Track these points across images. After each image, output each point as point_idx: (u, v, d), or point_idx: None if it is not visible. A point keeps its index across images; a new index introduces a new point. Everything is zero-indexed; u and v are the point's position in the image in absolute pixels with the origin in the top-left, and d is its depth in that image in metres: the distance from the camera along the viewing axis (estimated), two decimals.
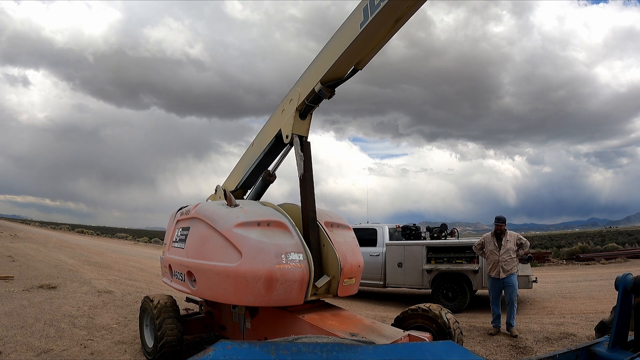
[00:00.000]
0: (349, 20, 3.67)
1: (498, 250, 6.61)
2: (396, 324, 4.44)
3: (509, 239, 6.66)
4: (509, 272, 6.59)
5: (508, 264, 6.58)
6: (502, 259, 6.58)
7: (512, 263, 6.60)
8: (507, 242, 6.64)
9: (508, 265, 6.58)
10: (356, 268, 4.27)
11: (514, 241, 6.66)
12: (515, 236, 6.71)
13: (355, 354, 1.26)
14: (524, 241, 6.73)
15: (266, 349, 1.27)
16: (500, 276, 6.59)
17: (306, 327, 3.62)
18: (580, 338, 5.90)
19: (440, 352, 1.27)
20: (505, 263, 6.58)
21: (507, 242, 6.64)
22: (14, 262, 14.21)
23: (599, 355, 3.00)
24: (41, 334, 5.78)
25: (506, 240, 6.65)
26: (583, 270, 15.71)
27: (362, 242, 5.32)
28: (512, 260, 6.60)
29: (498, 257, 6.59)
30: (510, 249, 6.60)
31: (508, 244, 6.62)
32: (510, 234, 6.72)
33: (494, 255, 6.64)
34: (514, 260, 6.63)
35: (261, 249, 3.63)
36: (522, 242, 6.70)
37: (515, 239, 6.68)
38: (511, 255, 6.60)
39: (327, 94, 4.05)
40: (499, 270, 6.61)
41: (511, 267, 6.60)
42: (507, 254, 6.57)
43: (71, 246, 24.58)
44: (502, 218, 6.76)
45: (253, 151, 5.01)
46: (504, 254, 6.58)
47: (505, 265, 6.58)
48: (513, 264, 6.61)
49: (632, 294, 3.01)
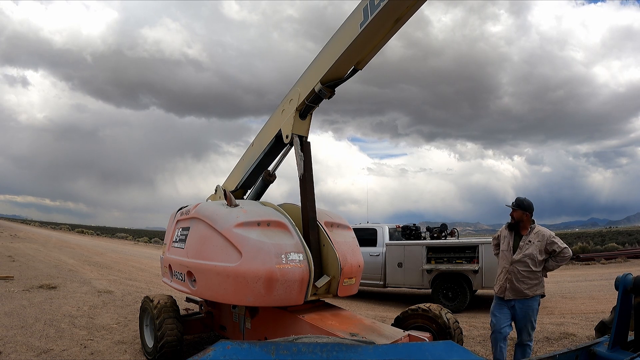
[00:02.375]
0: (348, 20, 3.67)
1: (511, 252, 4.28)
2: (396, 324, 4.44)
3: (531, 240, 4.19)
4: (523, 294, 4.14)
5: (523, 279, 4.14)
6: (515, 269, 4.18)
7: (532, 279, 4.14)
8: (529, 243, 4.19)
9: (522, 281, 4.14)
10: (356, 268, 4.27)
11: (543, 244, 4.14)
12: (547, 236, 4.16)
13: (355, 354, 1.26)
14: (559, 247, 4.10)
15: (266, 349, 1.27)
16: (506, 296, 4.22)
17: (306, 327, 3.62)
18: (580, 338, 5.90)
19: (440, 352, 1.27)
20: (519, 276, 4.15)
21: (529, 243, 4.19)
22: (14, 262, 14.20)
23: (599, 355, 3.00)
24: (41, 334, 5.78)
25: (527, 240, 4.21)
26: (583, 270, 15.71)
27: (362, 242, 5.33)
28: (531, 276, 4.13)
29: (509, 264, 4.25)
30: (532, 255, 4.13)
31: (530, 247, 4.16)
32: (538, 232, 4.22)
33: (504, 259, 4.35)
34: (536, 276, 4.15)
35: (261, 249, 3.63)
36: (555, 249, 4.10)
37: (546, 240, 4.14)
38: (530, 267, 4.12)
39: (327, 94, 4.05)
40: (505, 286, 4.24)
41: (528, 285, 4.13)
42: (525, 262, 4.14)
43: (71, 246, 24.58)
44: (521, 201, 4.32)
45: (253, 151, 5.01)
46: (520, 261, 4.17)
47: (518, 280, 4.15)
48: (533, 281, 4.14)
49: (632, 294, 3.01)
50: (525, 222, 4.31)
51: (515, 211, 4.33)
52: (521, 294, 4.18)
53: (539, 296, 4.25)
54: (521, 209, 4.31)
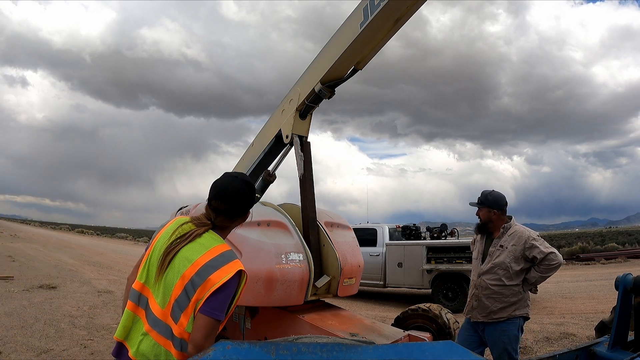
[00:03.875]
0: (348, 20, 3.66)
1: (481, 261, 3.40)
2: (396, 324, 4.44)
3: (504, 244, 3.24)
4: (494, 315, 3.19)
5: (493, 296, 3.20)
6: (483, 282, 3.27)
7: (507, 296, 3.16)
8: (501, 248, 3.24)
9: (493, 298, 3.20)
10: (356, 268, 4.27)
11: (519, 248, 3.17)
12: (525, 238, 3.19)
13: (355, 354, 1.25)
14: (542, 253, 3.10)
15: (266, 349, 1.27)
16: (473, 317, 3.34)
17: (306, 327, 3.61)
18: (580, 338, 5.90)
19: (440, 352, 1.27)
20: (488, 292, 3.22)
21: (501, 248, 3.24)
22: (14, 262, 14.20)
23: (599, 355, 3.01)
24: (41, 334, 5.78)
25: (499, 244, 3.28)
26: (583, 270, 15.72)
27: (362, 242, 5.33)
28: (504, 291, 3.17)
29: (477, 276, 3.37)
30: (505, 264, 3.18)
31: (502, 254, 3.22)
32: (514, 233, 3.26)
33: (474, 270, 3.47)
34: (511, 291, 3.17)
35: (261, 249, 3.63)
36: (536, 255, 3.11)
37: (524, 244, 3.17)
38: (502, 280, 3.17)
39: (327, 94, 4.04)
40: (472, 304, 3.36)
41: (502, 303, 3.17)
42: (495, 273, 3.21)
43: (71, 246, 24.58)
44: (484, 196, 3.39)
45: (253, 151, 5.00)
46: (489, 272, 3.26)
47: (487, 296, 3.22)
48: (508, 299, 3.16)
49: (632, 294, 3.01)
50: (496, 222, 3.34)
51: (480, 210, 3.42)
52: (492, 316, 3.19)
53: (519, 318, 3.18)
54: (486, 205, 3.35)
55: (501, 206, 3.36)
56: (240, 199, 1.90)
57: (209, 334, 1.62)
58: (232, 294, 1.71)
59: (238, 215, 1.93)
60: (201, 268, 1.68)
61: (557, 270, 3.21)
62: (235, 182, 1.93)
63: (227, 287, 1.66)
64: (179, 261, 1.72)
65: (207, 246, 1.75)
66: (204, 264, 1.68)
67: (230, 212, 1.89)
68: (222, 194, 1.87)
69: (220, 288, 1.64)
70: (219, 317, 1.64)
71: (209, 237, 1.80)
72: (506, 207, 3.38)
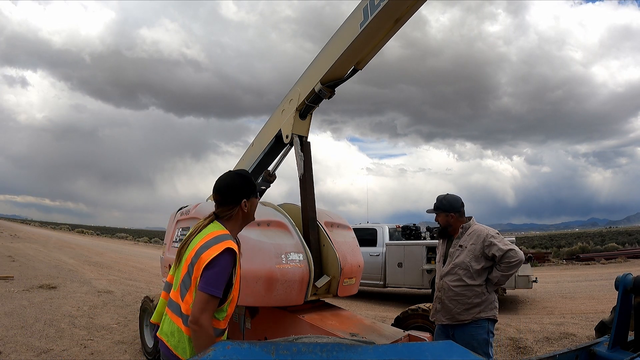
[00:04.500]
0: (349, 20, 3.67)
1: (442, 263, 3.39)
2: (396, 324, 4.44)
3: (463, 243, 3.23)
4: (458, 317, 3.15)
5: (456, 297, 3.16)
6: (445, 284, 3.25)
7: (470, 297, 3.12)
8: (460, 248, 3.24)
9: (455, 300, 3.16)
10: (356, 268, 4.27)
11: (479, 247, 3.14)
12: (484, 236, 3.15)
13: (355, 354, 1.25)
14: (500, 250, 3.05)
15: (266, 349, 1.27)
16: (438, 320, 3.32)
17: (306, 327, 3.61)
18: (580, 338, 5.90)
19: (440, 352, 1.27)
20: (450, 293, 3.19)
21: (460, 248, 3.24)
22: (14, 262, 14.21)
23: (599, 355, 3.00)
24: (41, 334, 5.78)
25: (458, 244, 3.26)
26: (583, 270, 15.72)
27: (362, 242, 5.33)
28: (467, 292, 3.12)
29: (439, 278, 3.36)
30: (465, 264, 3.16)
31: (461, 253, 3.21)
32: (473, 232, 3.24)
33: (438, 272, 3.44)
34: (474, 292, 3.11)
35: (261, 249, 3.63)
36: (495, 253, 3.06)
37: (482, 242, 3.13)
38: (463, 279, 3.14)
39: (327, 94, 4.04)
40: (435, 307, 3.35)
41: (465, 305, 3.12)
42: (456, 274, 3.19)
43: (71, 246, 24.59)
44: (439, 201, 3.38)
45: (253, 151, 5.00)
46: (450, 273, 3.24)
47: (450, 298, 3.19)
48: (472, 300, 3.11)
49: (632, 294, 3.01)
50: (454, 225, 3.31)
51: (437, 215, 3.39)
52: (456, 318, 3.12)
53: (486, 321, 3.09)
54: (442, 210, 3.34)
55: (457, 208, 3.33)
56: (230, 188, 2.13)
57: (204, 309, 1.86)
58: (225, 270, 1.92)
59: (231, 203, 2.13)
60: (197, 249, 1.96)
61: (519, 267, 3.11)
62: (229, 175, 2.20)
63: (216, 264, 1.89)
64: (188, 250, 2.04)
65: (206, 232, 2.03)
66: (200, 246, 1.96)
67: (223, 201, 2.13)
68: (216, 186, 2.17)
69: (210, 264, 1.88)
70: (212, 292, 1.87)
71: (211, 226, 2.09)
72: (463, 209, 3.36)
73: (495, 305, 3.21)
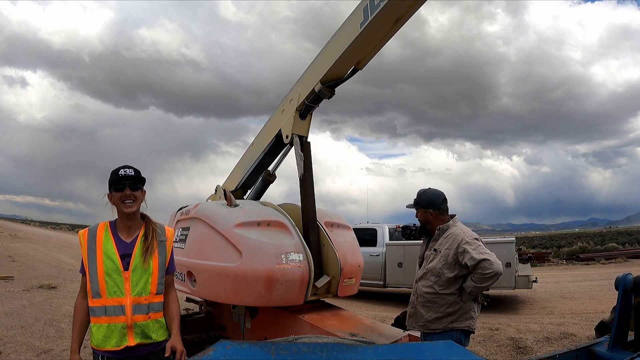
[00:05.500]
0: (349, 20, 3.67)
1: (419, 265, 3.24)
2: (396, 324, 4.44)
3: (438, 247, 2.99)
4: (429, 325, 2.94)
5: (427, 304, 2.95)
6: (418, 289, 3.08)
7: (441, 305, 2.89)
8: (434, 252, 3.01)
9: (427, 307, 2.95)
10: (356, 268, 4.27)
11: (452, 252, 2.87)
12: (459, 241, 2.86)
13: (355, 354, 1.25)
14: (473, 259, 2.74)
15: (266, 349, 1.27)
16: (409, 325, 3.17)
17: (306, 327, 3.61)
18: (580, 338, 5.90)
19: (440, 352, 1.27)
20: (421, 299, 3.00)
21: (434, 252, 3.01)
22: (14, 262, 14.21)
23: (599, 355, 3.00)
24: (41, 334, 5.78)
25: (433, 248, 3.04)
26: (583, 270, 15.72)
27: (362, 242, 5.32)
28: (437, 300, 2.90)
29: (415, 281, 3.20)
30: (437, 270, 2.93)
31: (435, 258, 2.98)
32: (450, 235, 2.96)
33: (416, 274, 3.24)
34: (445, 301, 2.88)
35: (261, 249, 3.63)
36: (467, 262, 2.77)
37: (457, 247, 2.85)
38: (433, 287, 2.92)
39: (327, 94, 4.04)
40: (409, 312, 3.18)
41: (435, 313, 2.90)
42: (427, 280, 2.99)
43: (71, 246, 24.57)
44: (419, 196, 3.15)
45: (253, 151, 5.00)
46: (423, 278, 3.05)
47: (422, 304, 2.99)
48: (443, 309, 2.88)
49: (632, 294, 3.01)
50: (433, 223, 3.04)
51: (417, 211, 3.15)
52: (428, 326, 2.91)
53: (458, 332, 2.83)
54: (421, 206, 3.08)
55: (437, 205, 3.06)
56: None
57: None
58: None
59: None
60: None
61: (494, 280, 2.73)
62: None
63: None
64: None
65: None
66: None
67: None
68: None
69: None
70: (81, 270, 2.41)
71: None
72: (445, 205, 3.08)
73: (471, 315, 2.92)
